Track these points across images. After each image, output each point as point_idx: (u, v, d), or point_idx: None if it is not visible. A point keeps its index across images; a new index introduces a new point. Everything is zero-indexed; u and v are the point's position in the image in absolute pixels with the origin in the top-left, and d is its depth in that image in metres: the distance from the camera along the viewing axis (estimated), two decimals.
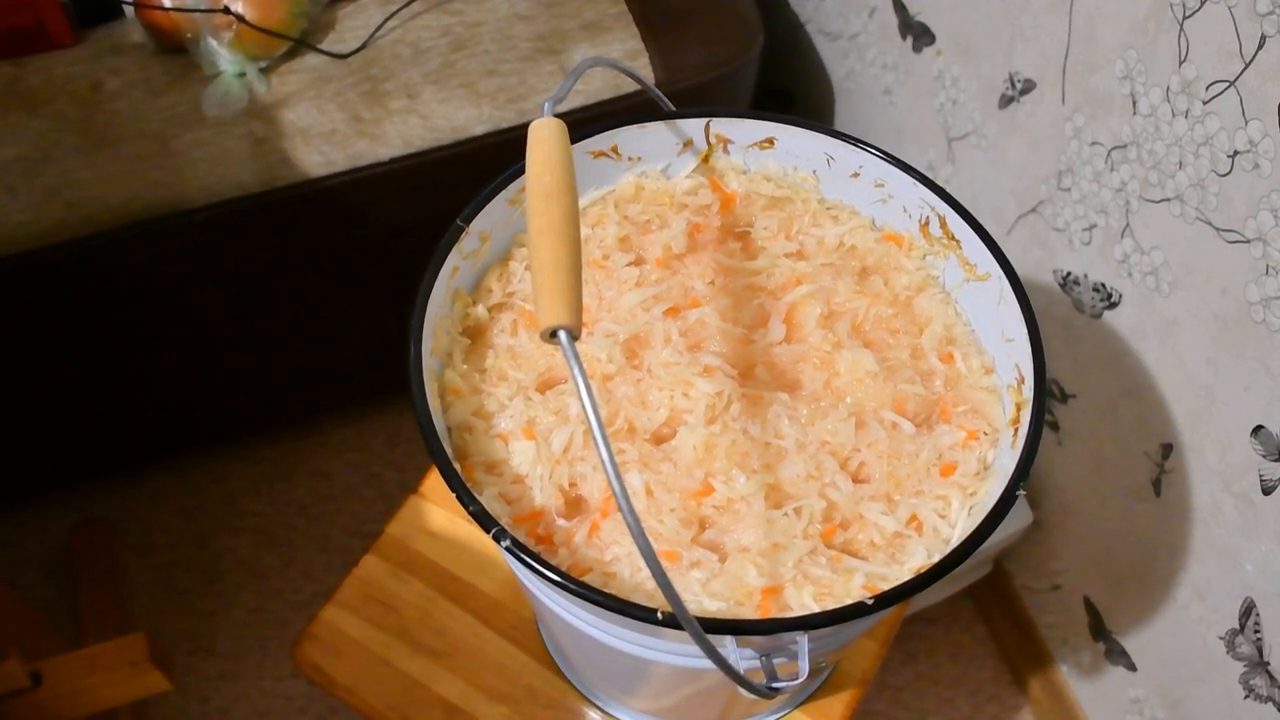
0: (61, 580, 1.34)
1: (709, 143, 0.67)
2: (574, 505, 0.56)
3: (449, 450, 0.53)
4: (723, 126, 0.65)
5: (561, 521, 0.54)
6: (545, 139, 0.50)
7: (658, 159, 0.67)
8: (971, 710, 1.30)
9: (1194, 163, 0.77)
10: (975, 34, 1.00)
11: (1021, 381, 0.56)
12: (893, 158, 0.61)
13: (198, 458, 1.44)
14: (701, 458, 0.56)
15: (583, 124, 0.59)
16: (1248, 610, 0.86)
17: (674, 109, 0.65)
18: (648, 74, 1.11)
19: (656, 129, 0.65)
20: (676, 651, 0.55)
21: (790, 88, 1.44)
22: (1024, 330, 0.56)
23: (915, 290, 0.64)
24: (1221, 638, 0.90)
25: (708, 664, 0.44)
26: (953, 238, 0.61)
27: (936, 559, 0.49)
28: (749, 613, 0.51)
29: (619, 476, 0.40)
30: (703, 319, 0.61)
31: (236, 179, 1.03)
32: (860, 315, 0.62)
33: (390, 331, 0.66)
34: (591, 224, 0.65)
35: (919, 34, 1.09)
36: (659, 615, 0.46)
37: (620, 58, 1.11)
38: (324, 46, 1.10)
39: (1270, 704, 0.86)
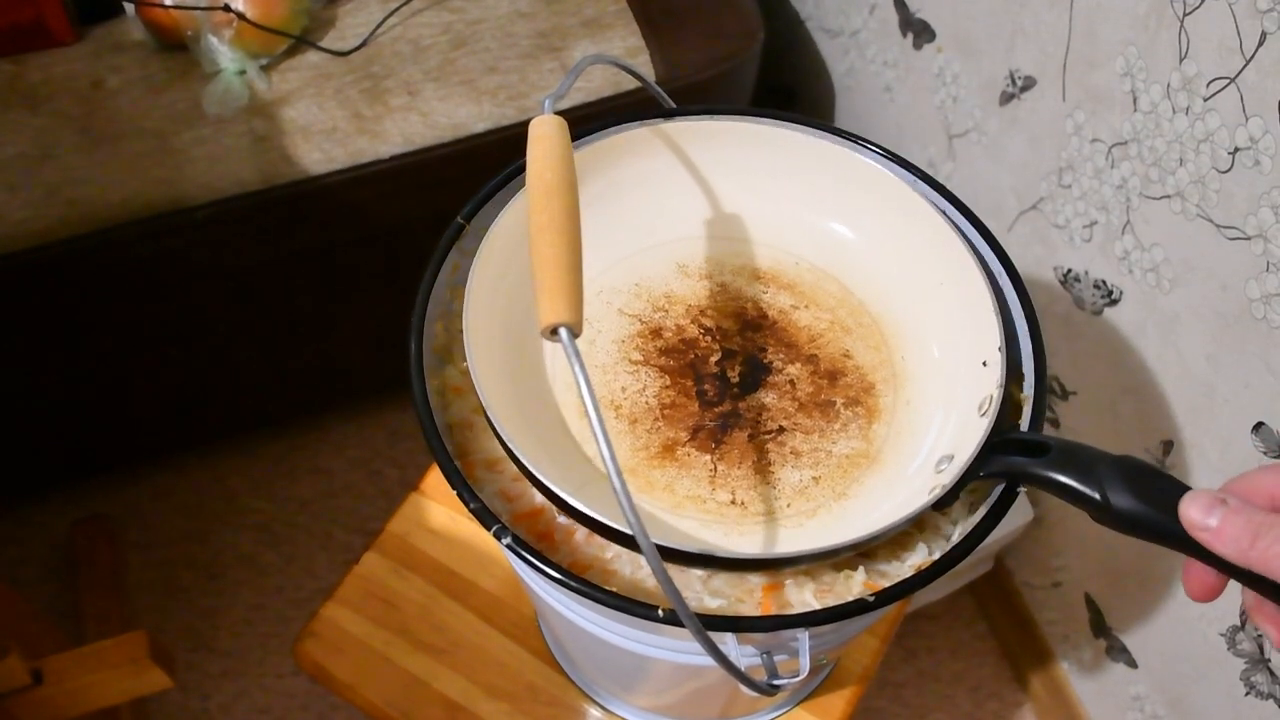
0: (62, 578, 1.34)
1: None
2: None
3: (449, 448, 0.52)
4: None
5: (562, 519, 0.54)
6: (546, 136, 0.50)
7: None
8: (972, 707, 1.30)
9: (1194, 159, 0.77)
10: (976, 31, 1.00)
11: (1022, 378, 0.56)
12: (893, 155, 0.61)
13: (198, 455, 1.44)
14: None
15: (583, 121, 0.59)
16: None
17: (674, 106, 0.64)
18: (648, 71, 1.11)
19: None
20: (677, 648, 0.55)
21: (791, 85, 1.44)
22: (1025, 327, 0.56)
23: None
24: (1222, 634, 0.90)
25: (709, 661, 0.44)
26: None
27: (937, 556, 0.49)
28: (750, 610, 0.51)
29: (620, 474, 0.40)
30: None
31: (237, 176, 1.03)
32: None
33: (391, 328, 0.66)
34: None
35: (919, 31, 1.09)
36: (660, 612, 0.46)
37: (621, 55, 1.11)
38: (325, 44, 1.10)
39: (1271, 701, 0.86)
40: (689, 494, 0.52)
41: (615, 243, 0.61)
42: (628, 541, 0.48)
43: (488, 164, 0.61)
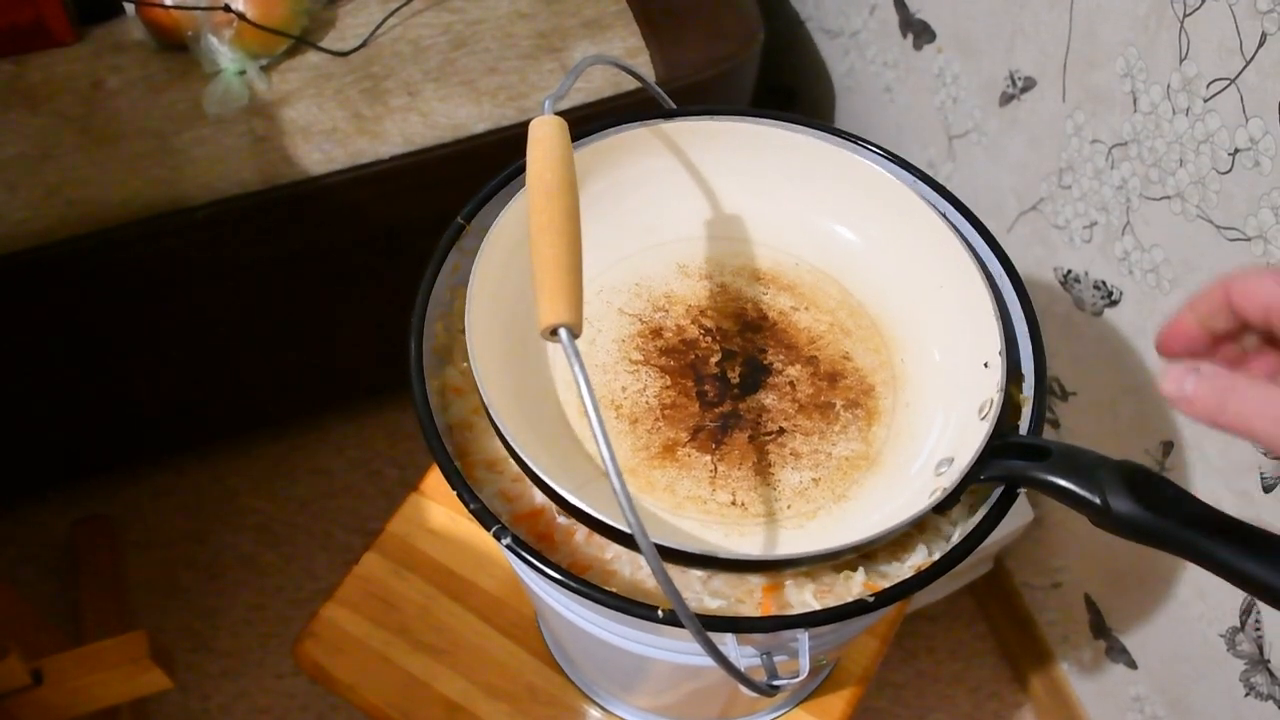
0: (62, 578, 1.34)
1: None
2: None
3: (449, 448, 0.52)
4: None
5: (562, 519, 0.54)
6: (546, 136, 0.50)
7: None
8: (972, 708, 1.30)
9: (1194, 160, 0.77)
10: (976, 31, 1.00)
11: (1022, 379, 0.56)
12: (893, 155, 0.61)
13: (198, 455, 1.44)
14: None
15: (583, 121, 0.59)
16: (1248, 608, 0.86)
17: (675, 107, 0.64)
18: (648, 72, 1.11)
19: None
20: (677, 649, 0.55)
21: (791, 85, 1.44)
22: (1025, 328, 0.56)
23: None
24: (1222, 635, 0.90)
25: (708, 661, 0.44)
26: None
27: (937, 557, 0.49)
28: (750, 610, 0.51)
29: (619, 474, 0.40)
30: None
31: (237, 177, 1.03)
32: None
33: (391, 329, 0.66)
34: None
35: (919, 31, 1.09)
36: (659, 613, 0.46)
37: (621, 55, 1.11)
38: (325, 44, 1.10)
39: (1271, 701, 0.86)
40: (689, 494, 0.52)
41: (615, 242, 0.61)
42: (628, 541, 0.48)
43: (488, 164, 0.61)
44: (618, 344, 0.58)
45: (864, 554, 0.52)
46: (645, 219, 0.62)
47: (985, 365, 0.54)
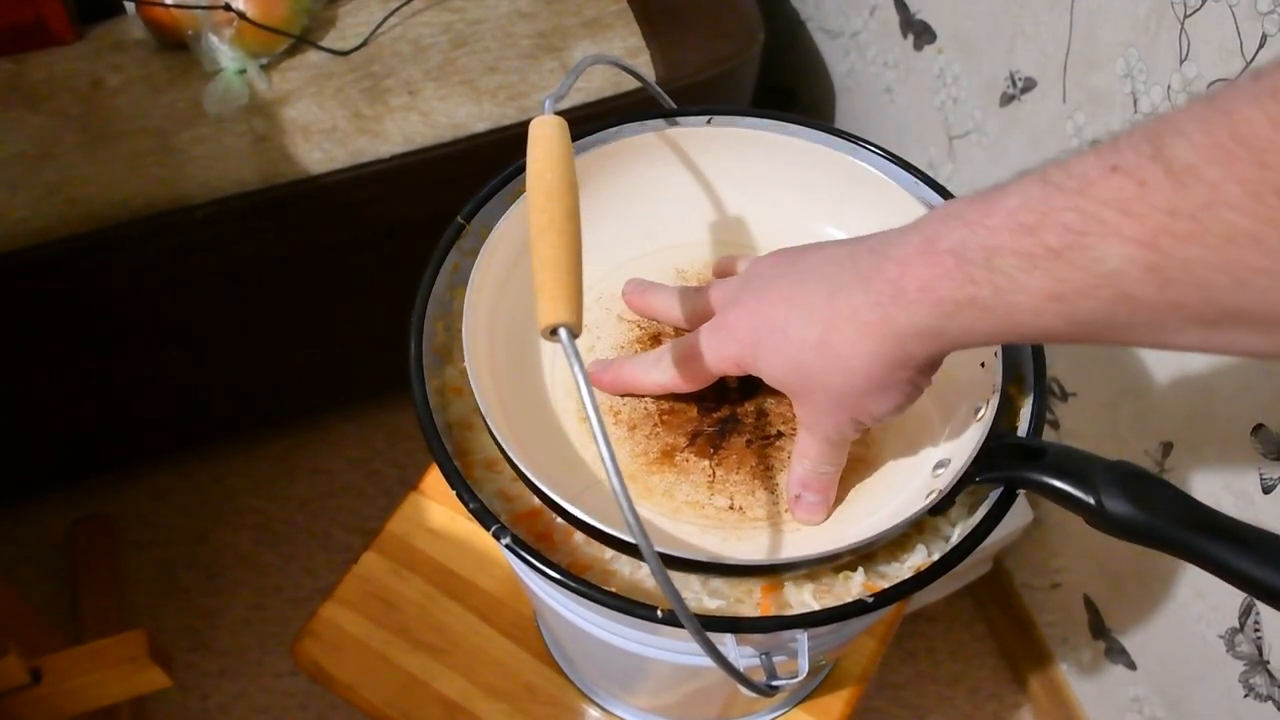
0: (61, 577, 1.34)
1: None
2: None
3: (449, 447, 0.52)
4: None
5: (561, 519, 0.54)
6: (546, 136, 0.50)
7: None
8: (971, 708, 1.30)
9: None
10: (976, 32, 1.00)
11: (1021, 380, 0.56)
12: (893, 156, 0.61)
13: (198, 454, 1.44)
14: None
15: (584, 121, 0.59)
16: (1248, 609, 0.86)
17: (675, 107, 0.64)
18: (648, 71, 1.11)
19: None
20: (676, 649, 0.55)
21: (791, 85, 1.44)
22: None
23: None
24: (1221, 636, 0.90)
25: (708, 662, 0.43)
26: None
27: (936, 557, 0.49)
28: (749, 611, 0.51)
29: (619, 474, 0.40)
30: None
31: (237, 176, 1.03)
32: None
33: (391, 328, 0.66)
34: None
35: (920, 32, 1.09)
36: (659, 613, 0.46)
37: (621, 55, 1.11)
38: (325, 43, 1.10)
39: (1270, 702, 0.86)
40: (687, 499, 0.52)
41: (614, 247, 0.61)
42: (628, 548, 0.48)
43: (488, 164, 0.61)
44: (616, 350, 0.58)
45: (863, 555, 0.52)
46: (644, 224, 0.62)
47: (981, 365, 0.54)
